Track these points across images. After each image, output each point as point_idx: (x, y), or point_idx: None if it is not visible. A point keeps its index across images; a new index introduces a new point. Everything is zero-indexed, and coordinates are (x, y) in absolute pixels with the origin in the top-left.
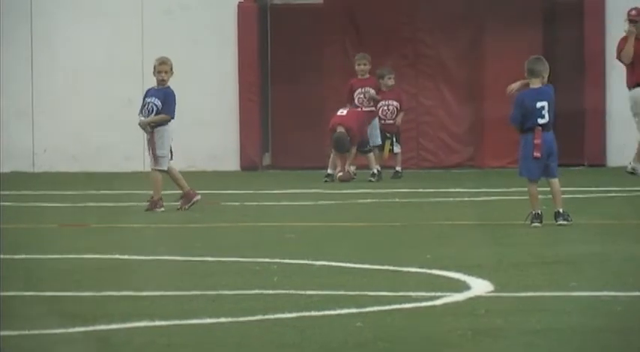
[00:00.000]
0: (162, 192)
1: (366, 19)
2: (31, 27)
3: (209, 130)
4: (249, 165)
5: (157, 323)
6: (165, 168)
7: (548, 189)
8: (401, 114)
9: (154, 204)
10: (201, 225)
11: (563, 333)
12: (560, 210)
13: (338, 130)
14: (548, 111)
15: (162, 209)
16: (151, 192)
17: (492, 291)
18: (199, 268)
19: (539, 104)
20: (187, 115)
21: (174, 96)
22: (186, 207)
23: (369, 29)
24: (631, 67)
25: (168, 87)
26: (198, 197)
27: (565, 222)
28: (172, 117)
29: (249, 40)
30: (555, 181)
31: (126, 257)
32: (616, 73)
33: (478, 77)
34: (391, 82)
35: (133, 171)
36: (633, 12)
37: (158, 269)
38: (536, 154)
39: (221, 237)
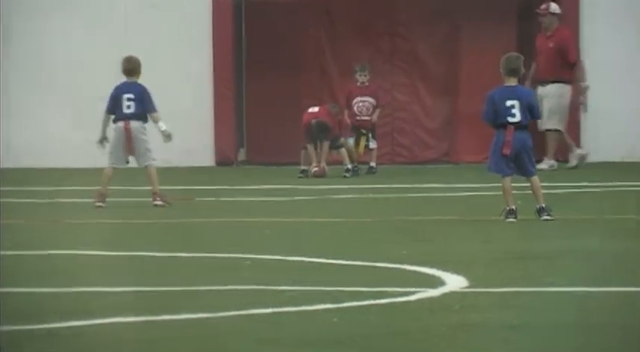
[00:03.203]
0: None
1: (342, 13)
2: (1, 21)
3: (184, 126)
4: (223, 160)
5: (133, 319)
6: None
7: (525, 185)
8: (377, 111)
9: (161, 196)
10: (176, 220)
11: (539, 329)
12: (543, 206)
13: (313, 122)
14: (521, 111)
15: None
16: (150, 188)
17: (467, 287)
18: (174, 264)
19: (508, 102)
20: (162, 111)
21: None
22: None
23: (345, 24)
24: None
25: (140, 83)
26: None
27: (549, 217)
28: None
29: (224, 35)
30: (534, 179)
31: (101, 253)
32: (590, 67)
33: (453, 73)
34: (362, 78)
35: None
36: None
37: (133, 265)
38: (505, 151)
39: (196, 233)
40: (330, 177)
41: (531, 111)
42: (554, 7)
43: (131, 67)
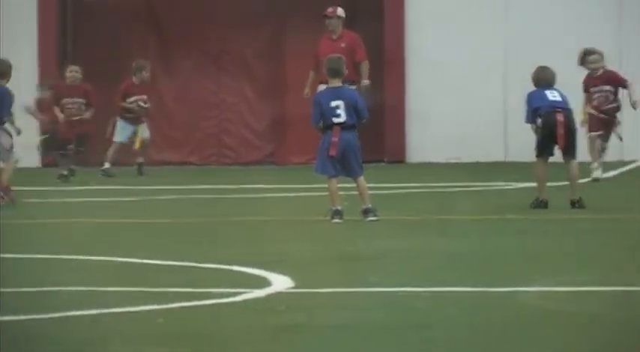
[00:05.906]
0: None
1: (168, 15)
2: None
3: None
4: (49, 162)
5: None
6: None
7: (352, 185)
8: (91, 110)
9: (7, 191)
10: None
11: (364, 329)
12: (369, 206)
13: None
14: (346, 111)
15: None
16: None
17: (293, 287)
18: None
19: (333, 103)
20: None
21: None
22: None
23: (171, 26)
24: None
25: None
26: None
27: (375, 218)
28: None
29: (47, 33)
30: (360, 179)
31: None
32: (415, 69)
33: (279, 74)
34: (70, 74)
35: None
36: (330, 9)
37: None
38: (331, 152)
39: (20, 234)
40: (157, 176)
41: (357, 111)
42: (341, 11)
43: (1, 70)
